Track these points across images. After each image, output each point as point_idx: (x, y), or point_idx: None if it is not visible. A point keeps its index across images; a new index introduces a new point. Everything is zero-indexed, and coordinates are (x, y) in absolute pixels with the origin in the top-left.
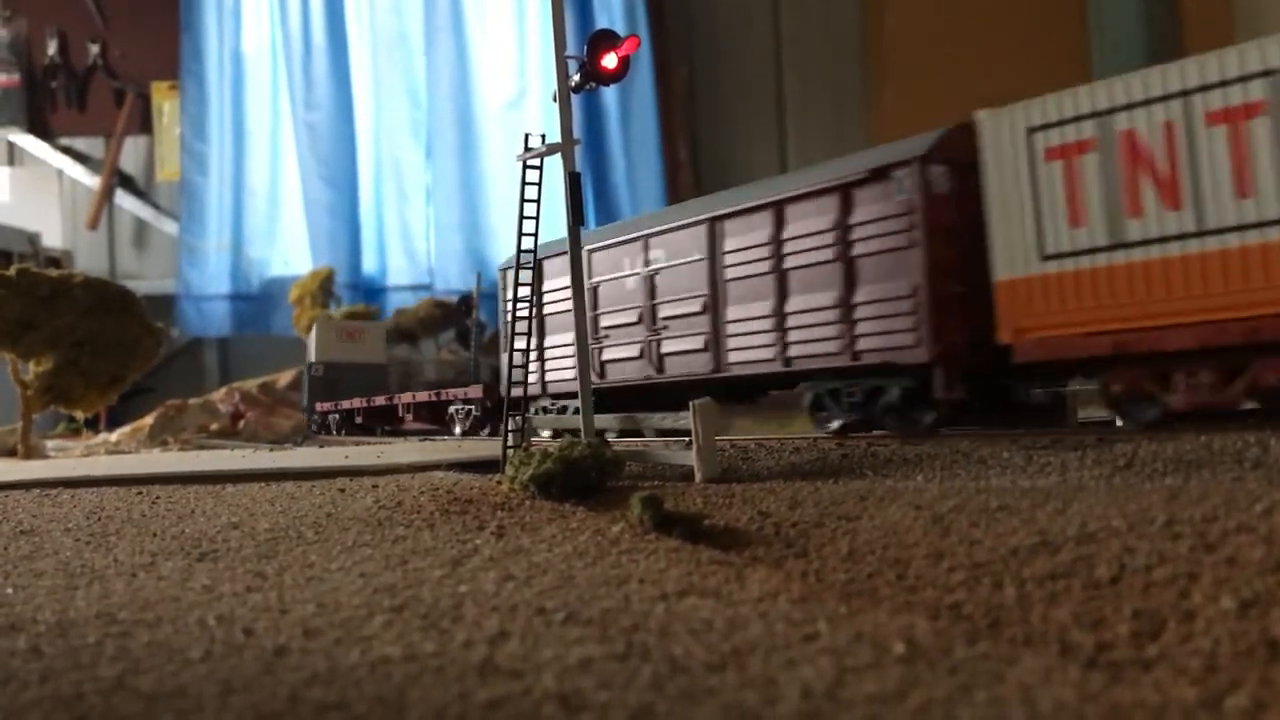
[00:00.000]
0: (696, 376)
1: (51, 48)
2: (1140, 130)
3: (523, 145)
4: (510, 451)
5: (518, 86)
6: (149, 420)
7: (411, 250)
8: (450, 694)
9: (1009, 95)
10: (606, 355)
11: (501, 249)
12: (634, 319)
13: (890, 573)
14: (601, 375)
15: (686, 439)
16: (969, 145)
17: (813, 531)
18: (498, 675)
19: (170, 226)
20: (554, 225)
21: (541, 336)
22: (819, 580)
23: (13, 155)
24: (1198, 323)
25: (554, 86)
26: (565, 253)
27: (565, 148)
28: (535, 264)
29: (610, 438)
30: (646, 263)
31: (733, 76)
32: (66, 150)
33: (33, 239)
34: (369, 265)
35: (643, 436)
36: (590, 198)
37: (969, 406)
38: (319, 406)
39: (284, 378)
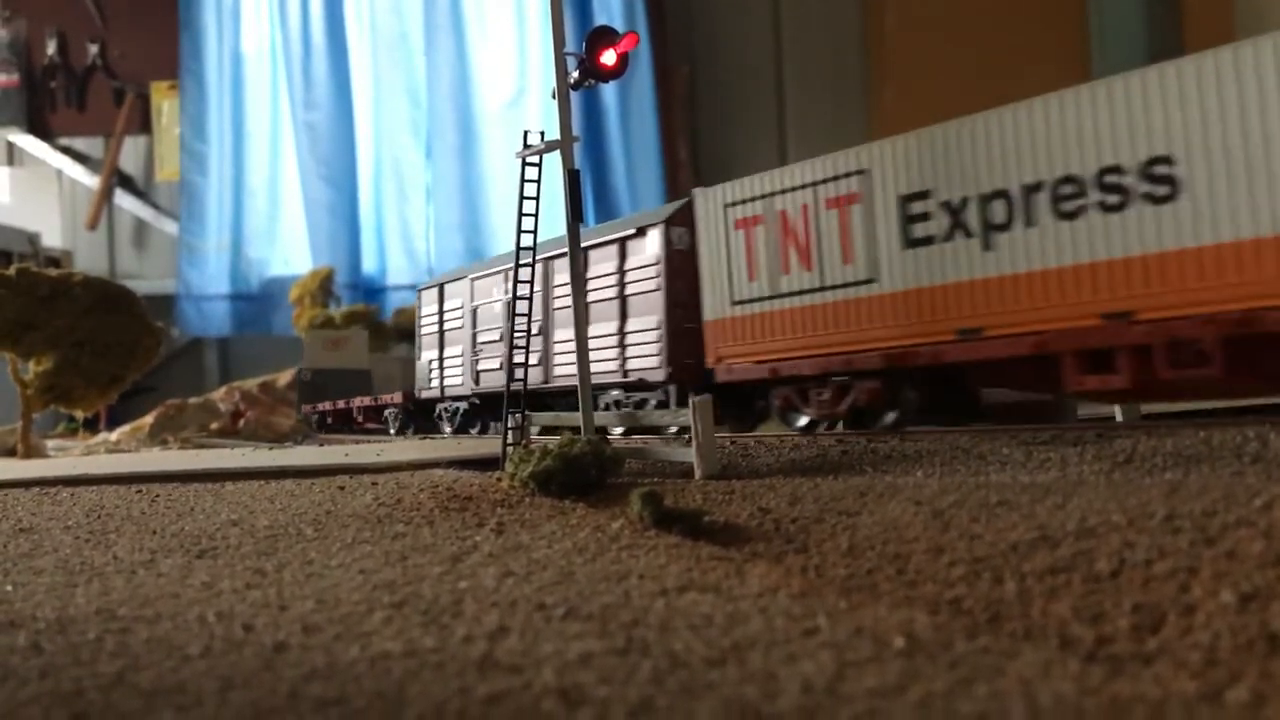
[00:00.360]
0: (534, 385)
1: (51, 48)
2: (789, 210)
3: (522, 142)
4: (510, 449)
5: (517, 86)
6: (149, 420)
7: (411, 250)
8: (450, 689)
9: (1008, 95)
10: (481, 366)
11: (501, 248)
12: (496, 337)
13: (890, 568)
14: (476, 382)
15: (683, 436)
16: None
17: (813, 527)
18: (498, 670)
19: (170, 226)
20: (553, 223)
21: (442, 349)
22: (819, 575)
23: (12, 155)
24: (818, 355)
25: (553, 84)
26: (459, 279)
27: (564, 144)
28: (439, 289)
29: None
30: (505, 291)
31: (733, 76)
32: (66, 150)
33: (32, 239)
34: (369, 265)
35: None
36: (590, 197)
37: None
38: (304, 408)
39: (284, 377)
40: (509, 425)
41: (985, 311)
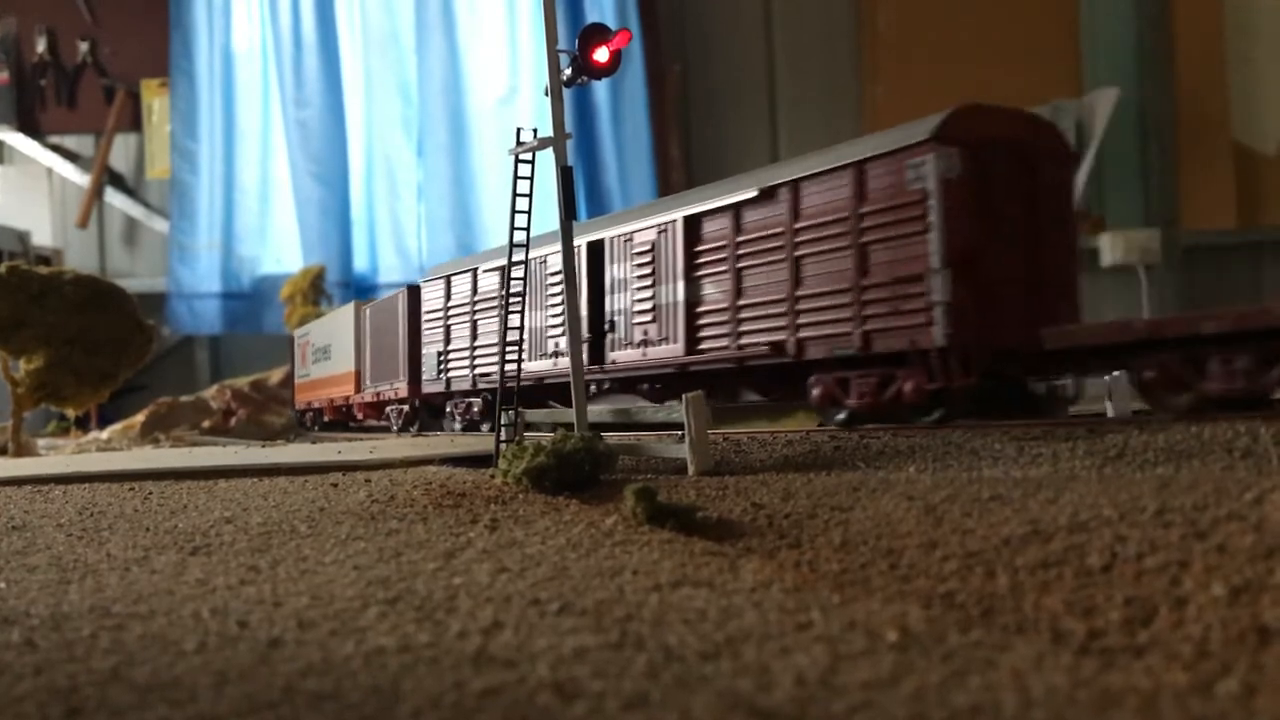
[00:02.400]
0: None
1: (41, 45)
2: (299, 343)
3: (515, 140)
4: (503, 445)
5: (509, 84)
6: (140, 418)
7: (403, 248)
8: (445, 684)
9: (1001, 93)
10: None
11: (492, 244)
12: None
13: (883, 562)
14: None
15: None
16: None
17: (806, 522)
18: (492, 665)
19: (161, 225)
20: (547, 220)
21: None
22: (812, 570)
23: (2, 153)
24: (311, 400)
25: (545, 82)
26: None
27: (557, 142)
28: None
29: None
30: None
31: (725, 74)
32: (56, 148)
33: (23, 237)
34: (360, 263)
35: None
36: (582, 195)
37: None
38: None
39: (275, 375)
40: (501, 423)
41: (320, 391)
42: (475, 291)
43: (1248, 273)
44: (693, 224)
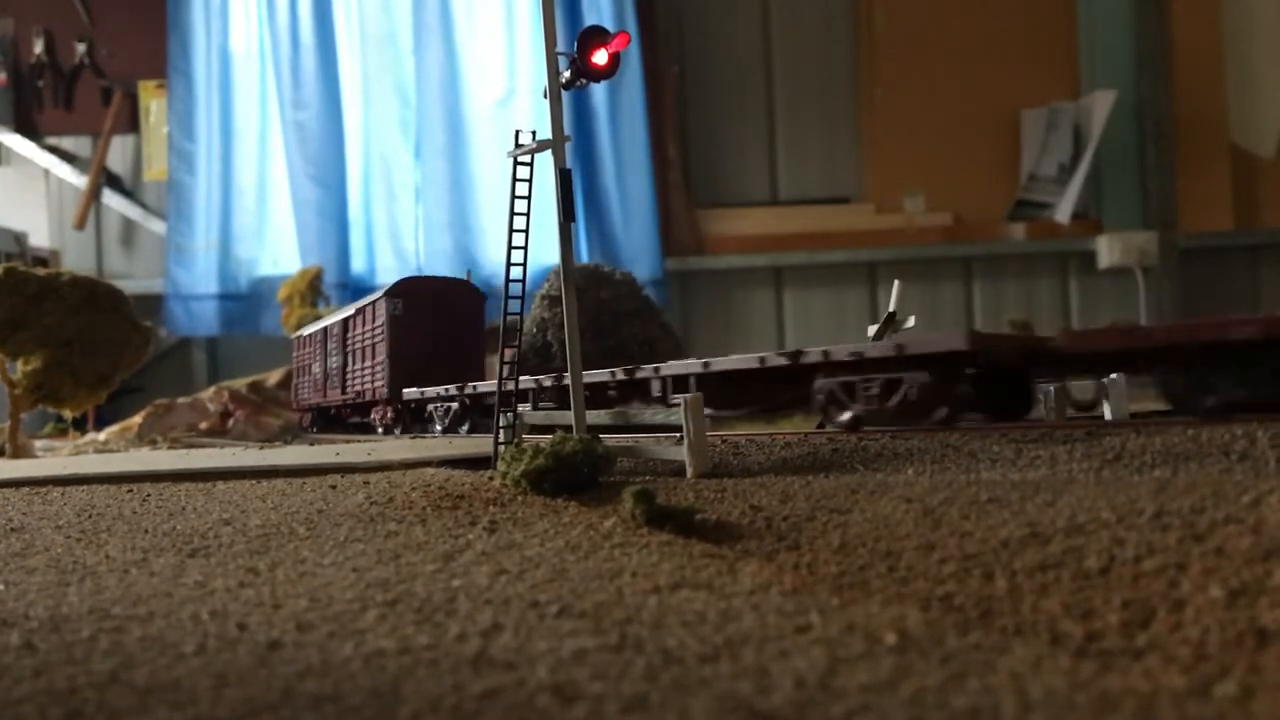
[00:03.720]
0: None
1: (38, 46)
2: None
3: (513, 142)
4: (502, 447)
5: (507, 85)
6: (138, 419)
7: (400, 249)
8: (445, 686)
9: (998, 95)
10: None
11: (491, 247)
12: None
13: (882, 565)
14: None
15: (678, 434)
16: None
17: (804, 525)
18: (492, 667)
19: (158, 226)
20: (545, 222)
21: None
22: (811, 573)
23: None
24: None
25: (544, 84)
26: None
27: (556, 144)
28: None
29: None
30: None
31: (723, 76)
32: (53, 149)
33: (20, 239)
34: (358, 264)
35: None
36: (580, 197)
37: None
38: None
39: (273, 376)
40: (500, 424)
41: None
42: (301, 347)
43: (1245, 275)
44: (345, 322)
